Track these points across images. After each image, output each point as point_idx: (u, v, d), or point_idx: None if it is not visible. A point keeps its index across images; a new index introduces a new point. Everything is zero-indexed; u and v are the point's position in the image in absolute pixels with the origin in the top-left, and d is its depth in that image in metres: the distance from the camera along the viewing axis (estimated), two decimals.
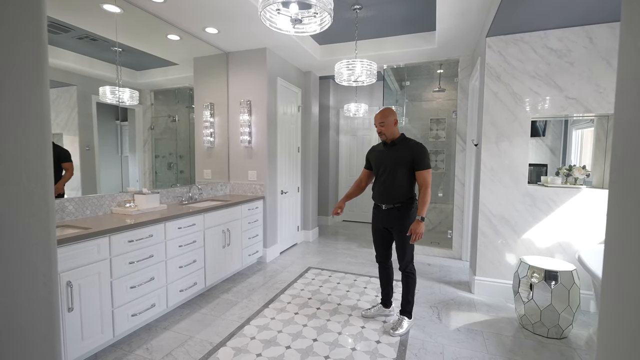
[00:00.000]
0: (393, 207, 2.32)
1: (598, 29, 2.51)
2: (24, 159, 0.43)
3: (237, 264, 3.32)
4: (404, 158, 2.27)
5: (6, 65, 0.40)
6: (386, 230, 2.41)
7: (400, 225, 2.30)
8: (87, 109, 2.48)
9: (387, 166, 2.33)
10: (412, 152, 2.26)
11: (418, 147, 2.27)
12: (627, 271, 0.40)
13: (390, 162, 2.31)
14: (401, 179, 2.28)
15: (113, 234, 2.02)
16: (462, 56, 3.90)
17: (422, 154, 2.25)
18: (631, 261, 0.39)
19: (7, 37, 0.40)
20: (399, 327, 2.31)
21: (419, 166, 2.24)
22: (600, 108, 2.55)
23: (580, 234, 2.64)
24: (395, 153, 2.31)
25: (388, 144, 2.37)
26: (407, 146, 2.30)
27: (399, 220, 2.30)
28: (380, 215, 2.40)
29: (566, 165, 2.86)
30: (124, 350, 2.08)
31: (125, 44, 2.70)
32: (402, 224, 2.29)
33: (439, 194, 5.33)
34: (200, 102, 3.62)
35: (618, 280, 0.42)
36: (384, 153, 2.38)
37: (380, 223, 2.42)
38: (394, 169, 2.29)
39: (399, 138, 2.35)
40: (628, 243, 0.40)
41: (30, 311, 0.44)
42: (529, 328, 2.34)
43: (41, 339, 0.45)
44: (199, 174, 3.62)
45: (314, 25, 1.96)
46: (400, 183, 2.28)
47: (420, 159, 2.24)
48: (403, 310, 2.40)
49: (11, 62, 0.41)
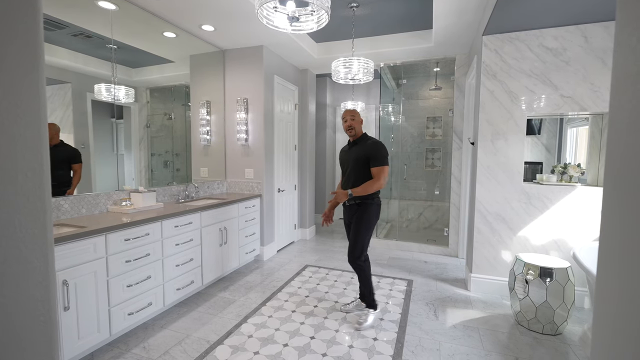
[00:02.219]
0: (354, 203, 2.40)
1: (593, 28, 2.52)
2: (20, 158, 0.43)
3: (234, 262, 3.31)
4: (362, 156, 2.34)
5: (1, 63, 0.40)
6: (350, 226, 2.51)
7: (358, 219, 2.39)
8: (82, 106, 2.46)
9: (348, 164, 2.42)
10: (368, 151, 2.33)
11: (374, 145, 2.34)
12: (621, 267, 0.41)
13: (351, 160, 2.40)
14: (360, 176, 2.35)
15: (109, 232, 2.01)
16: (458, 54, 3.91)
17: (376, 152, 2.31)
18: (625, 258, 0.40)
19: (3, 35, 0.40)
20: (364, 321, 2.37)
21: (372, 163, 2.31)
22: (594, 106, 2.57)
23: (575, 231, 2.67)
24: (355, 151, 2.40)
25: (351, 142, 2.47)
26: (364, 145, 2.38)
27: (357, 215, 2.39)
28: (345, 211, 2.52)
29: (561, 163, 2.88)
30: (121, 349, 2.07)
31: (121, 41, 2.68)
32: (360, 217, 2.38)
33: (435, 192, 5.36)
34: (196, 100, 3.61)
35: (613, 277, 0.43)
36: (347, 152, 2.48)
37: (345, 218, 2.53)
38: (354, 167, 2.38)
39: (360, 137, 2.45)
40: (623, 240, 0.41)
41: (27, 310, 0.43)
42: (525, 324, 2.37)
43: (39, 338, 0.45)
44: (196, 172, 3.61)
45: (311, 23, 1.96)
46: (358, 180, 2.35)
47: (374, 156, 2.31)
48: (367, 302, 2.47)
49: (7, 60, 0.40)
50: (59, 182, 2.34)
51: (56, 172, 2.32)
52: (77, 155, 2.41)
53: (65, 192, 2.33)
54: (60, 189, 2.31)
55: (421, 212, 5.42)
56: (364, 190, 2.28)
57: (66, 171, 2.38)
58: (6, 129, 0.41)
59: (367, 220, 2.36)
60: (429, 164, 5.42)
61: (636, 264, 0.37)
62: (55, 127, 2.31)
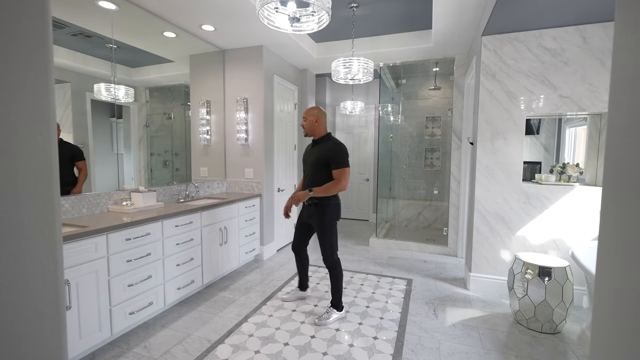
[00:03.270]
0: (312, 203, 2.42)
1: (591, 29, 2.54)
2: (30, 158, 0.43)
3: (234, 261, 3.32)
4: (323, 157, 2.36)
5: (13, 64, 0.41)
6: (306, 223, 2.55)
7: (318, 221, 2.41)
8: (82, 106, 2.46)
9: (309, 164, 2.44)
10: (329, 152, 2.34)
11: (335, 147, 2.34)
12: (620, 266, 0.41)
13: (312, 159, 2.42)
14: (320, 177, 2.37)
15: (110, 232, 2.02)
16: (457, 54, 3.92)
17: (337, 154, 2.31)
18: (625, 257, 0.41)
19: (14, 38, 0.40)
20: (325, 318, 2.41)
21: (333, 165, 2.32)
22: (593, 107, 2.59)
23: (573, 231, 2.69)
24: (317, 151, 2.42)
25: (314, 142, 2.49)
26: (326, 146, 2.39)
27: (316, 216, 2.41)
28: (302, 209, 2.56)
29: (560, 163, 2.89)
30: (122, 349, 2.08)
31: (121, 41, 2.68)
32: (319, 219, 2.40)
33: (434, 192, 5.38)
34: (196, 100, 3.61)
35: (612, 276, 0.44)
36: (309, 151, 2.51)
37: (303, 215, 2.57)
38: (314, 167, 2.39)
39: (322, 137, 2.44)
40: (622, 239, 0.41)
41: (37, 307, 0.44)
42: (524, 323, 2.38)
43: (49, 332, 0.45)
44: (195, 172, 3.61)
45: (312, 24, 1.97)
46: (318, 181, 2.37)
47: (335, 158, 2.31)
48: (332, 301, 2.50)
49: (17, 61, 0.41)
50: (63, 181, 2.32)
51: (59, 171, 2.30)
52: (80, 153, 2.39)
53: (69, 192, 2.32)
54: (65, 188, 2.29)
55: (420, 211, 5.44)
56: (326, 191, 2.30)
57: (69, 169, 2.37)
58: (17, 130, 0.41)
59: (328, 222, 2.39)
60: (428, 163, 5.43)
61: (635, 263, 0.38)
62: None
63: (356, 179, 6.25)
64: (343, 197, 6.36)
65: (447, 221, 4.23)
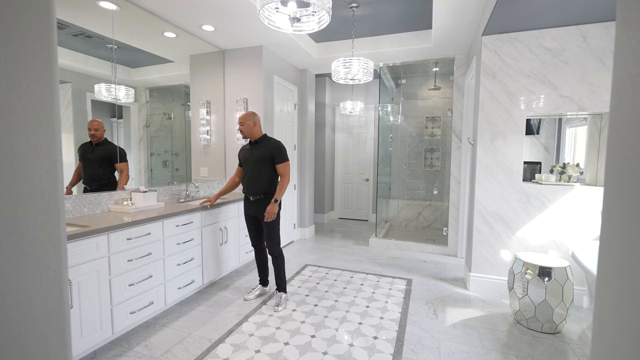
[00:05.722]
0: (260, 198, 2.64)
1: (592, 29, 2.54)
2: (35, 158, 0.43)
3: (234, 261, 3.32)
4: (265, 155, 2.59)
5: (18, 65, 0.41)
6: (256, 218, 2.74)
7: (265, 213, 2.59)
8: (82, 106, 2.46)
9: (252, 163, 2.63)
10: (271, 150, 2.59)
11: (276, 145, 2.62)
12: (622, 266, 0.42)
13: (254, 159, 2.62)
14: (264, 173, 2.61)
15: (111, 231, 2.02)
16: (457, 54, 3.92)
17: (278, 151, 2.60)
18: (626, 257, 0.41)
19: (20, 39, 0.40)
20: (283, 302, 2.64)
21: (277, 160, 2.59)
22: (593, 106, 2.59)
23: (573, 231, 2.69)
24: (257, 151, 2.63)
25: (252, 143, 2.68)
26: (267, 145, 2.63)
27: (264, 209, 2.60)
28: (249, 206, 2.71)
29: (560, 163, 2.90)
30: (123, 348, 2.08)
31: (121, 41, 2.68)
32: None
33: (434, 192, 5.38)
34: (196, 100, 3.61)
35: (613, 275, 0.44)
36: (249, 151, 2.68)
37: (250, 212, 2.73)
38: (257, 165, 2.61)
39: (260, 138, 2.66)
40: (623, 239, 0.42)
41: (42, 306, 0.44)
42: (524, 323, 2.39)
43: (53, 333, 0.46)
44: (195, 172, 3.61)
45: (312, 24, 1.97)
46: (263, 177, 2.61)
47: (277, 154, 2.59)
48: (279, 287, 2.71)
49: (23, 61, 0.41)
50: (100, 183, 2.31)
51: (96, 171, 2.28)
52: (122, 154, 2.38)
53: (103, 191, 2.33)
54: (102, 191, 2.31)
55: (420, 211, 5.44)
56: (282, 190, 2.57)
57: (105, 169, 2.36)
58: (22, 130, 0.42)
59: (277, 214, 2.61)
60: (428, 163, 5.43)
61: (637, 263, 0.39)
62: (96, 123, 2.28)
63: (356, 179, 6.25)
64: (343, 197, 6.37)
65: (447, 221, 4.23)
